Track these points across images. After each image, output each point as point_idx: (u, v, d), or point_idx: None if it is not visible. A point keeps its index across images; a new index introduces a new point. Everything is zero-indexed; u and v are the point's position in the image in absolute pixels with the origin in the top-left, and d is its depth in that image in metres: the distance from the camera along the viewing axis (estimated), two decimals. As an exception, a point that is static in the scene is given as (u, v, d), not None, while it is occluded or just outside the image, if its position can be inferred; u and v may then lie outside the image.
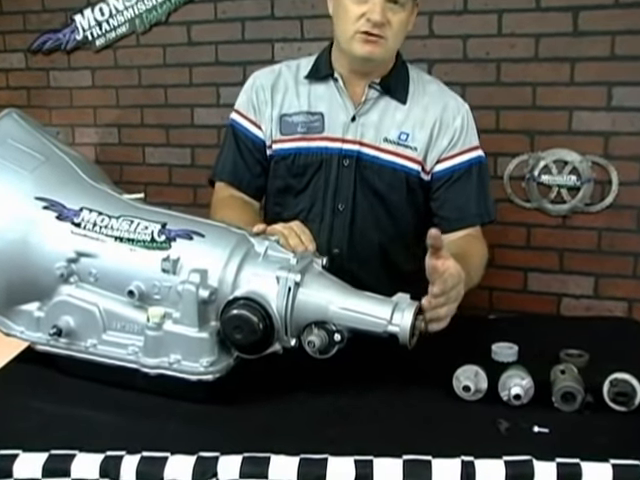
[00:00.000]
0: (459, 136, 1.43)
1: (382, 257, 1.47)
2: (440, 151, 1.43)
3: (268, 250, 1.06)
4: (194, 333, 1.01)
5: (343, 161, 1.42)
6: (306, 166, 1.44)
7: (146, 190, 2.67)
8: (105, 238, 1.08)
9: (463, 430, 0.95)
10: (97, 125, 2.71)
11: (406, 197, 1.44)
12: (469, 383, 1.03)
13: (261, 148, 1.48)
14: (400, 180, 1.42)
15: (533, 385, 1.02)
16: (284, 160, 1.45)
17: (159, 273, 1.04)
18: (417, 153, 1.42)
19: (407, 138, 1.42)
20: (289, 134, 1.45)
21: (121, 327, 1.06)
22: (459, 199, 1.43)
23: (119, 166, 2.70)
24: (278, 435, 0.94)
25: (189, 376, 1.01)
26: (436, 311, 1.05)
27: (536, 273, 2.28)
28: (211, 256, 1.04)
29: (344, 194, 1.43)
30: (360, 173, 1.42)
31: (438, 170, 1.43)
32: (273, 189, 1.49)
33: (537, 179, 2.20)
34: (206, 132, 2.54)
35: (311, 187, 1.45)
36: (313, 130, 1.44)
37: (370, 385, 1.09)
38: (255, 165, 1.49)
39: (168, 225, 1.08)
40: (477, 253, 1.37)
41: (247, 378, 1.06)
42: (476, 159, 1.45)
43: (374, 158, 1.42)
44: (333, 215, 1.44)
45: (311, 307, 1.01)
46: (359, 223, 1.44)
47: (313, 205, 1.45)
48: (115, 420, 0.97)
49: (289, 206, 1.47)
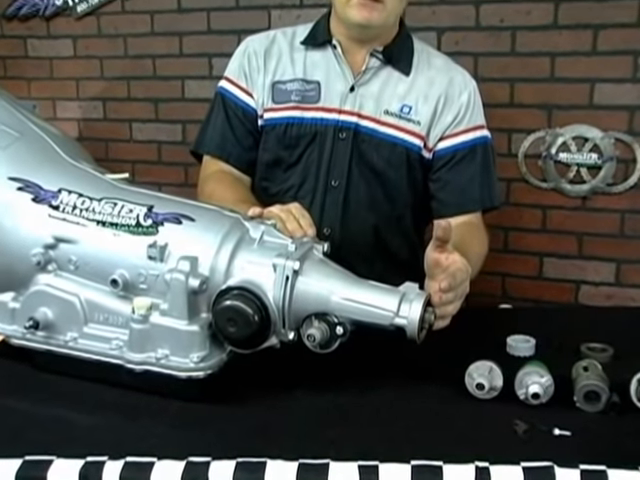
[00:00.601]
0: (464, 113, 1.42)
1: (376, 240, 1.45)
2: (444, 127, 1.42)
3: (264, 235, 1.04)
4: (183, 326, 1.00)
5: (339, 133, 1.41)
6: (299, 137, 1.42)
7: (133, 169, 2.67)
8: (86, 222, 1.07)
9: (477, 432, 0.94)
10: (80, 99, 2.70)
11: (406, 175, 1.42)
12: (483, 380, 1.02)
13: (252, 118, 1.46)
14: (400, 156, 1.41)
15: (553, 383, 1.00)
16: (275, 130, 1.44)
17: (145, 260, 1.03)
18: (420, 128, 1.40)
19: (410, 111, 1.40)
20: (282, 102, 1.43)
21: (104, 319, 1.05)
22: (461, 181, 1.41)
23: (104, 143, 2.69)
24: (275, 437, 0.92)
25: (178, 373, 1.00)
26: (445, 308, 1.03)
27: (552, 258, 2.27)
28: (202, 242, 1.03)
29: (339, 169, 1.42)
30: (357, 147, 1.41)
31: (441, 148, 1.42)
32: (262, 162, 1.47)
33: (555, 157, 2.19)
34: (198, 106, 2.52)
35: (303, 161, 1.43)
36: (308, 99, 1.42)
37: (374, 382, 1.07)
38: (245, 137, 1.47)
39: (155, 208, 1.07)
40: (476, 243, 1.35)
41: (241, 375, 1.05)
42: (481, 139, 1.43)
43: (373, 131, 1.40)
44: (325, 192, 1.42)
45: (311, 297, 0.99)
46: (353, 201, 1.43)
47: (304, 180, 1.44)
48: (97, 422, 0.96)
49: (278, 181, 1.46)
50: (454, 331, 1.07)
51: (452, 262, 1.04)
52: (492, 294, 2.28)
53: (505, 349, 1.20)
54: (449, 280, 1.02)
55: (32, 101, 2.64)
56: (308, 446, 0.89)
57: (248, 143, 1.47)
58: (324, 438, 0.92)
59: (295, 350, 1.02)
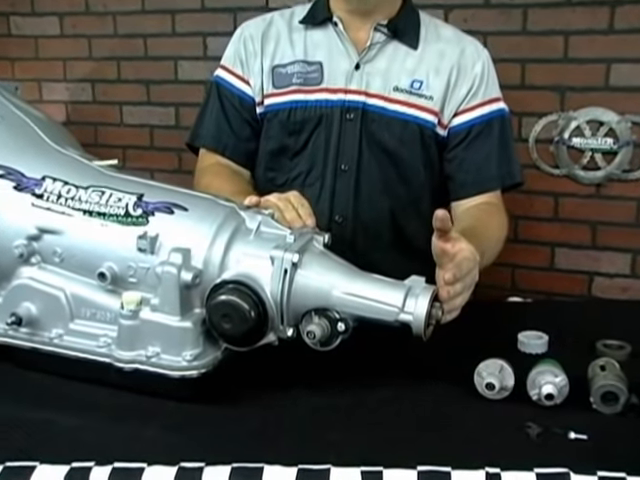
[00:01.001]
0: (479, 84, 1.41)
1: (392, 227, 1.44)
2: (458, 101, 1.40)
3: (261, 226, 1.04)
4: (175, 322, 0.99)
5: (346, 114, 1.39)
6: (303, 122, 1.41)
7: (124, 154, 2.68)
8: (72, 212, 1.06)
9: (487, 435, 0.92)
10: (67, 80, 2.69)
11: (420, 154, 1.41)
12: (493, 380, 1.00)
13: (250, 107, 1.46)
14: (413, 134, 1.40)
15: (568, 383, 0.99)
16: (278, 116, 1.43)
17: (135, 252, 1.02)
18: (433, 103, 1.39)
19: (421, 86, 1.39)
20: (283, 87, 1.42)
21: (91, 315, 1.04)
22: (477, 159, 1.40)
23: (93, 127, 2.69)
24: (272, 440, 0.91)
25: (170, 372, 0.99)
26: (452, 301, 1.02)
27: (565, 249, 2.27)
28: (195, 233, 1.02)
29: (348, 152, 1.40)
30: (366, 128, 1.40)
31: (455, 124, 1.41)
32: (266, 152, 1.46)
33: (568, 142, 2.18)
34: (192, 88, 2.52)
35: (310, 146, 1.42)
36: (310, 81, 1.41)
37: (377, 381, 1.07)
38: (242, 127, 1.46)
39: (145, 197, 1.06)
40: (495, 226, 1.35)
41: (237, 374, 1.04)
42: (498, 112, 1.42)
43: (382, 109, 1.39)
44: (335, 177, 1.41)
45: (311, 292, 0.98)
46: (365, 186, 1.42)
47: (312, 167, 1.43)
48: (83, 424, 0.94)
49: (284, 170, 1.45)
50: (462, 327, 1.06)
51: (458, 250, 1.02)
52: (501, 286, 2.28)
53: (516, 346, 1.19)
54: (454, 271, 1.01)
55: (16, 82, 2.65)
56: (307, 450, 0.88)
57: (245, 134, 1.47)
58: (324, 441, 0.91)
59: (294, 348, 1.01)
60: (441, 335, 1.01)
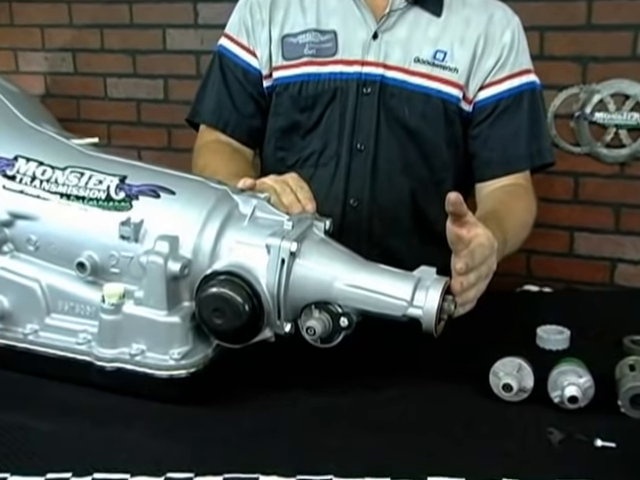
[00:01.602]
0: (508, 54, 1.40)
1: (412, 211, 1.44)
2: (485, 73, 1.39)
3: (256, 211, 1.02)
4: (162, 317, 0.98)
5: (363, 89, 1.39)
6: (316, 97, 1.41)
7: (109, 131, 2.70)
8: (48, 195, 1.05)
9: (503, 442, 0.91)
10: (46, 49, 2.69)
11: (444, 131, 1.40)
12: (511, 380, 0.99)
13: (255, 80, 1.45)
14: (436, 109, 1.39)
15: (593, 384, 0.98)
16: (288, 91, 1.42)
17: (117, 240, 1.01)
18: (458, 76, 1.38)
19: (444, 57, 1.38)
20: (294, 58, 1.42)
21: (69, 309, 1.04)
22: (505, 135, 1.39)
23: (75, 101, 2.70)
24: (268, 447, 0.90)
25: (156, 371, 0.98)
26: (466, 294, 1.00)
27: (585, 233, 2.28)
28: (183, 219, 1.01)
29: (365, 130, 1.40)
30: (385, 103, 1.39)
31: (482, 99, 1.40)
32: (275, 129, 1.46)
33: (590, 117, 2.18)
34: (182, 59, 2.53)
35: (323, 123, 1.42)
36: (324, 52, 1.40)
37: (383, 381, 1.06)
38: (245, 102, 1.46)
39: (129, 179, 1.05)
40: (521, 210, 1.34)
41: (229, 374, 1.03)
42: (528, 85, 1.41)
43: (402, 83, 1.38)
44: (351, 157, 1.41)
45: (311, 284, 0.98)
46: (384, 166, 1.41)
47: (326, 146, 1.42)
48: (60, 429, 0.93)
49: (295, 149, 1.45)
50: (474, 320, 1.05)
51: (474, 236, 1.01)
52: (515, 273, 2.30)
53: (534, 341, 1.19)
54: (466, 260, 0.99)
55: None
56: (307, 458, 0.87)
57: (249, 110, 1.46)
58: (325, 448, 0.90)
59: (292, 345, 1.01)
60: (452, 330, 1.00)
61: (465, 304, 1.02)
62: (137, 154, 2.65)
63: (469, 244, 1.01)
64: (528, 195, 1.39)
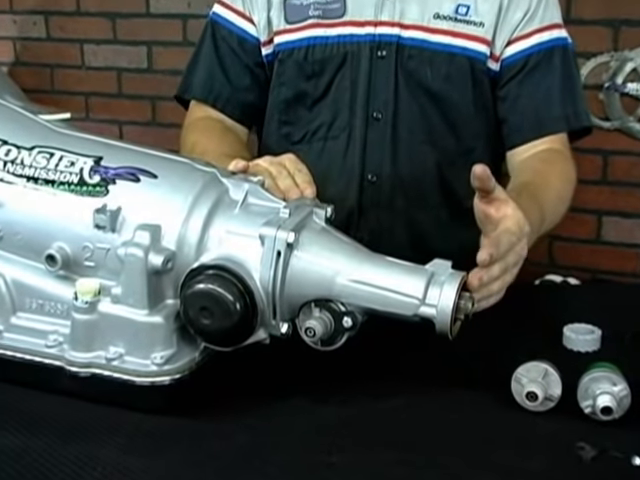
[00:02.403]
0: (537, 6, 1.40)
1: (438, 183, 1.44)
2: (513, 27, 1.39)
3: (248, 197, 1.02)
4: (142, 317, 0.98)
5: (377, 52, 1.39)
6: (324, 62, 1.42)
7: (87, 103, 2.69)
8: (12, 179, 1.04)
9: (528, 458, 0.90)
10: (14, 11, 2.69)
11: (471, 94, 1.41)
12: (536, 388, 0.98)
13: (252, 49, 1.46)
14: (461, 69, 1.39)
15: (629, 393, 0.96)
16: (292, 57, 1.43)
17: (91, 230, 1.01)
18: (484, 30, 1.38)
19: (467, 11, 1.38)
20: (298, 21, 1.42)
21: (38, 307, 1.03)
22: (536, 95, 1.40)
23: (49, 69, 2.70)
24: (263, 463, 0.89)
25: (136, 378, 0.97)
26: (488, 288, 0.99)
27: (615, 217, 2.29)
28: (166, 206, 1.01)
29: (381, 97, 1.41)
30: (403, 66, 1.40)
31: (510, 54, 1.40)
32: (278, 102, 1.47)
33: (621, 89, 2.17)
34: (167, 24, 2.53)
35: (332, 91, 1.43)
36: (331, 13, 1.41)
37: (391, 388, 1.05)
38: (240, 74, 1.47)
39: (105, 160, 1.04)
40: (559, 179, 1.34)
41: (219, 380, 1.03)
42: (560, 40, 1.41)
43: (422, 43, 1.39)
44: (366, 127, 1.42)
45: (310, 279, 0.97)
46: (405, 136, 1.42)
47: (336, 116, 1.43)
48: (26, 444, 0.91)
49: (302, 122, 1.46)
50: (493, 318, 1.04)
51: (502, 217, 1.00)
52: (536, 261, 2.31)
53: (561, 341, 1.18)
54: (490, 250, 0.97)
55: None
56: (306, 476, 0.87)
57: (244, 83, 1.47)
58: (326, 465, 0.89)
59: (289, 348, 1.00)
60: (469, 329, 0.99)
61: (489, 298, 1.01)
62: (118, 129, 2.68)
63: (498, 225, 1.00)
64: (566, 161, 1.39)
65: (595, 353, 1.14)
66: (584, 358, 1.10)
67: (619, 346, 1.15)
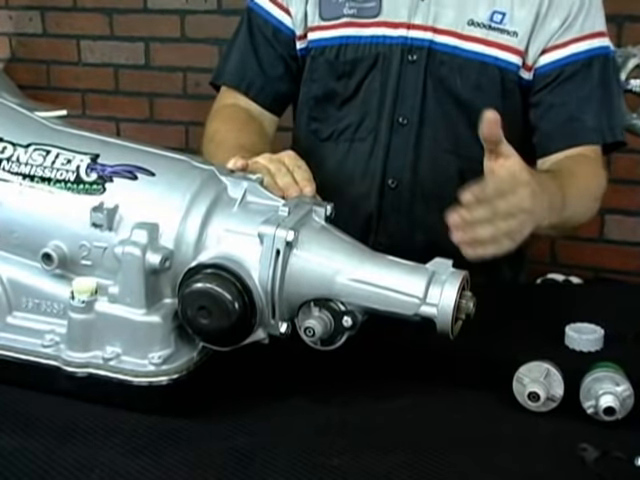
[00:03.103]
0: (577, 13, 1.37)
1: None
2: (548, 36, 1.37)
3: (247, 195, 1.02)
4: (140, 316, 0.97)
5: (408, 55, 1.39)
6: (355, 62, 1.42)
7: (84, 100, 2.69)
8: (8, 177, 1.04)
9: (529, 460, 0.90)
10: (10, 7, 2.69)
11: (501, 104, 1.37)
12: (538, 388, 0.98)
13: (287, 41, 1.47)
14: (493, 79, 1.38)
15: (633, 393, 0.96)
16: (324, 55, 1.44)
17: (88, 228, 1.01)
18: (517, 40, 1.37)
19: (503, 19, 1.37)
20: (332, 18, 1.43)
21: (34, 306, 1.03)
22: (570, 105, 1.37)
23: (44, 66, 2.70)
24: (263, 465, 0.89)
25: (133, 378, 0.97)
26: (473, 229, 0.97)
27: (617, 215, 2.29)
28: (164, 204, 1.01)
29: (409, 102, 1.41)
30: (433, 72, 1.39)
31: (544, 64, 1.38)
32: (309, 98, 1.48)
33: (625, 85, 2.07)
34: (165, 19, 2.52)
35: (362, 93, 1.43)
36: (365, 12, 1.40)
37: (392, 389, 1.05)
38: (274, 64, 1.48)
39: (102, 158, 1.04)
40: (587, 173, 1.31)
41: (217, 381, 1.03)
42: (600, 50, 1.39)
43: (454, 49, 1.38)
44: (391, 131, 1.42)
45: (309, 278, 0.97)
46: (429, 143, 1.42)
47: (364, 118, 1.43)
48: (22, 445, 0.91)
49: (331, 121, 1.47)
50: (494, 317, 1.06)
51: (500, 167, 0.99)
52: (538, 260, 2.32)
53: (563, 341, 1.18)
54: (476, 190, 0.96)
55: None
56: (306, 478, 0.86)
57: (276, 72, 1.47)
58: (328, 467, 0.88)
59: (289, 347, 1.00)
60: (470, 329, 0.99)
61: (477, 244, 0.98)
62: (115, 127, 2.68)
63: None
64: (595, 167, 1.36)
65: (598, 353, 1.14)
66: (587, 358, 1.10)
67: (622, 346, 1.15)
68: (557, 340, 1.18)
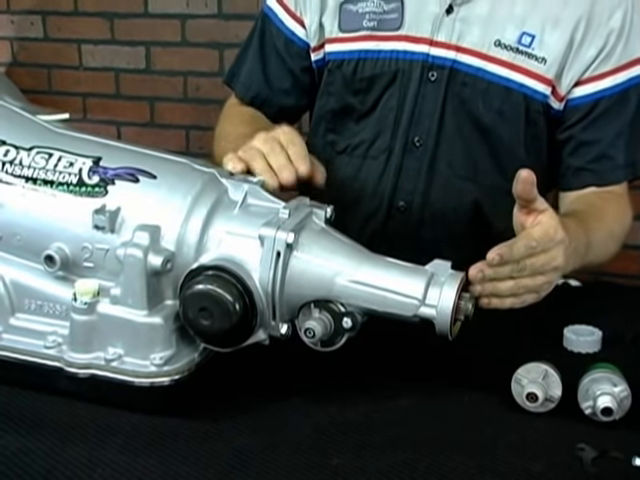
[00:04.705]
0: (616, 43, 1.29)
1: (474, 220, 1.39)
2: (584, 66, 1.30)
3: (248, 197, 1.02)
4: (142, 317, 0.97)
5: (429, 73, 1.33)
6: (373, 78, 1.38)
7: (84, 104, 2.71)
8: (11, 179, 1.04)
9: (528, 459, 0.90)
10: (12, 11, 2.69)
11: (523, 133, 1.34)
12: (536, 389, 0.98)
13: (299, 52, 1.43)
14: (516, 107, 1.32)
15: (630, 394, 0.96)
16: (342, 69, 1.40)
17: (90, 231, 1.00)
18: (546, 68, 1.30)
19: (532, 42, 1.30)
20: (351, 30, 1.38)
21: (36, 308, 1.03)
22: (602, 142, 1.32)
23: (46, 70, 2.70)
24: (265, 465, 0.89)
25: (135, 378, 0.97)
26: (493, 284, 0.98)
27: None
28: (166, 206, 1.00)
29: (425, 122, 1.36)
30: (454, 93, 1.34)
31: (577, 97, 1.32)
32: (326, 111, 1.45)
33: None
34: (165, 24, 2.53)
35: (379, 109, 1.39)
36: (386, 24, 1.35)
37: (392, 390, 1.05)
38: (281, 77, 1.45)
39: (104, 160, 1.04)
40: (612, 215, 1.29)
41: (218, 381, 1.03)
42: (638, 78, 1.31)
43: (478, 71, 1.32)
44: (404, 152, 1.37)
45: (309, 279, 0.97)
46: (444, 168, 1.37)
47: (377, 136, 1.40)
48: (25, 445, 0.91)
49: (347, 134, 1.44)
50: (492, 320, 1.04)
51: (536, 225, 0.98)
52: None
53: (561, 343, 1.18)
54: (500, 250, 0.96)
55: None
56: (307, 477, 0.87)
57: (283, 86, 1.46)
58: (329, 467, 0.89)
59: (289, 348, 1.00)
60: (469, 331, 1.00)
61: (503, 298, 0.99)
62: (116, 130, 2.67)
63: None
64: (624, 204, 1.34)
65: (595, 354, 1.14)
66: (584, 359, 1.10)
67: (620, 347, 1.15)
68: (555, 342, 1.18)
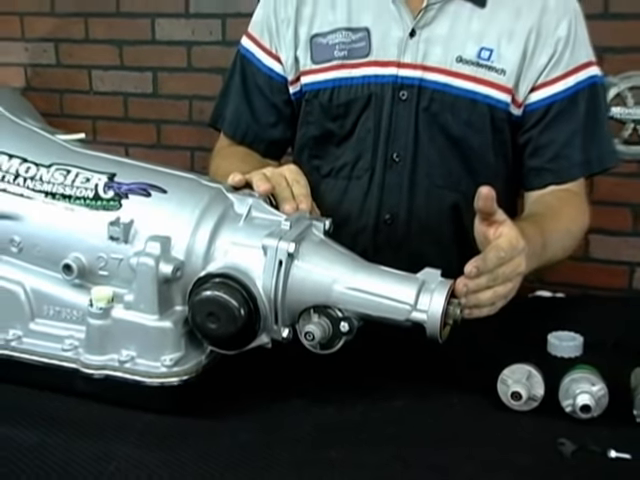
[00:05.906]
0: (563, 50, 1.34)
1: (454, 226, 1.41)
2: (537, 73, 1.34)
3: (252, 210, 1.03)
4: (153, 322, 0.99)
5: (400, 93, 1.35)
6: (348, 104, 1.39)
7: (94, 127, 2.70)
8: (32, 194, 1.05)
9: (512, 453, 0.92)
10: (26, 39, 2.69)
11: (491, 140, 1.37)
12: (520, 388, 1.00)
13: (279, 87, 1.44)
14: (483, 116, 1.35)
15: (607, 392, 0.98)
16: (318, 98, 1.41)
17: (106, 241, 1.02)
18: (506, 78, 1.34)
19: (490, 56, 1.33)
20: (323, 61, 1.39)
21: (55, 314, 1.04)
22: (557, 142, 1.36)
23: (58, 95, 2.69)
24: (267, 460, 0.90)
25: (147, 379, 0.99)
26: (475, 296, 1.00)
27: (601, 235, 2.28)
28: (176, 218, 1.02)
29: (402, 139, 1.37)
30: (424, 109, 1.36)
31: (532, 102, 1.36)
32: (307, 138, 1.45)
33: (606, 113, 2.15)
34: (172, 50, 2.54)
35: (357, 132, 1.40)
36: (356, 53, 1.36)
37: (387, 391, 1.06)
38: (267, 112, 1.46)
39: (118, 176, 1.05)
40: (568, 215, 1.32)
41: (224, 382, 1.04)
42: (587, 82, 1.36)
43: (444, 87, 1.35)
44: (385, 169, 1.39)
45: (309, 286, 0.98)
46: (423, 180, 1.39)
47: (359, 157, 1.41)
48: (44, 441, 0.93)
49: (330, 158, 1.44)
50: (482, 326, 1.05)
51: (499, 236, 1.01)
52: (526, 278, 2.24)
53: (545, 348, 1.19)
54: (476, 263, 0.99)
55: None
56: (308, 473, 0.88)
57: (269, 120, 1.46)
58: (328, 463, 0.90)
59: (290, 351, 1.01)
60: (458, 336, 1.01)
61: (481, 307, 1.02)
62: (124, 152, 2.65)
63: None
64: (578, 202, 1.36)
65: (577, 359, 1.14)
66: (566, 362, 1.11)
67: (600, 353, 1.15)
68: (540, 347, 1.18)
